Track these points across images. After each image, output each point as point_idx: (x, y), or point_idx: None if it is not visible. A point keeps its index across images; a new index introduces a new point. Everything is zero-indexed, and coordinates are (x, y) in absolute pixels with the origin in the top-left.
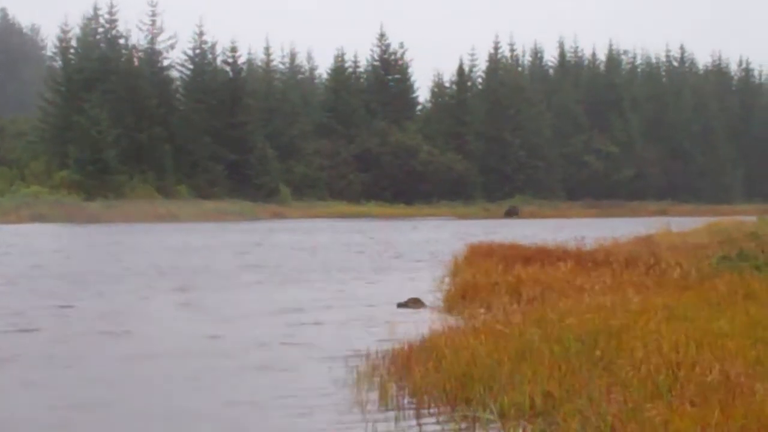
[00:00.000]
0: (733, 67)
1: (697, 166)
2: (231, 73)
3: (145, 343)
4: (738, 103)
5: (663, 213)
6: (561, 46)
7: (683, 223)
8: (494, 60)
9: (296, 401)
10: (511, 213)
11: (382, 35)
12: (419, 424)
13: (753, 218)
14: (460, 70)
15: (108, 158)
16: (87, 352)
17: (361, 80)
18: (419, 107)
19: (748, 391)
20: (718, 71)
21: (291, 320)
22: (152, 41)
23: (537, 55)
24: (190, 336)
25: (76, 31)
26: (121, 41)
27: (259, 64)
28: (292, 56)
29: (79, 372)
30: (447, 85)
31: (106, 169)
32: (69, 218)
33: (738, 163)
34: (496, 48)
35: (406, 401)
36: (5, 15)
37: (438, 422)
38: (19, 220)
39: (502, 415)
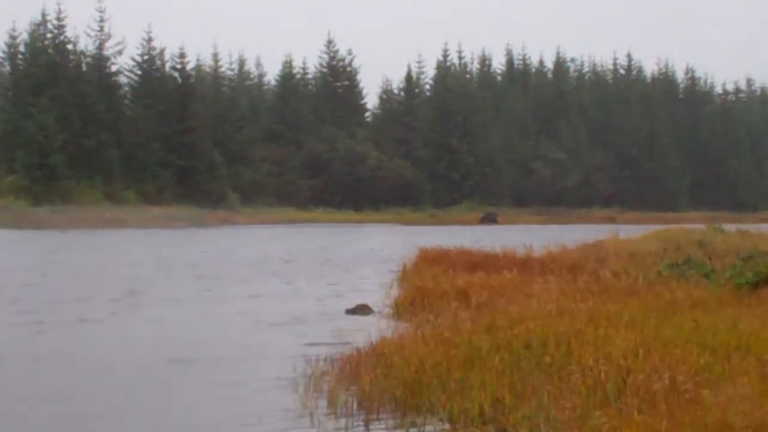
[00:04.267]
0: (680, 75)
1: (644, 174)
2: (179, 79)
3: (85, 355)
4: (684, 110)
5: (611, 220)
6: (509, 53)
7: (631, 231)
8: (442, 67)
9: (244, 409)
10: (487, 220)
11: (330, 42)
12: (368, 431)
13: (700, 226)
14: (408, 77)
15: (56, 164)
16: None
17: (310, 87)
18: (368, 114)
19: (695, 399)
20: (665, 79)
21: (239, 327)
22: (100, 47)
23: (485, 62)
24: (134, 345)
25: (24, 36)
26: (69, 47)
27: (208, 70)
28: (241, 62)
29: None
30: (395, 91)
31: (53, 175)
32: (16, 224)
33: (685, 170)
34: (445, 55)
35: (355, 408)
36: None
37: (387, 429)
38: None
39: (452, 422)
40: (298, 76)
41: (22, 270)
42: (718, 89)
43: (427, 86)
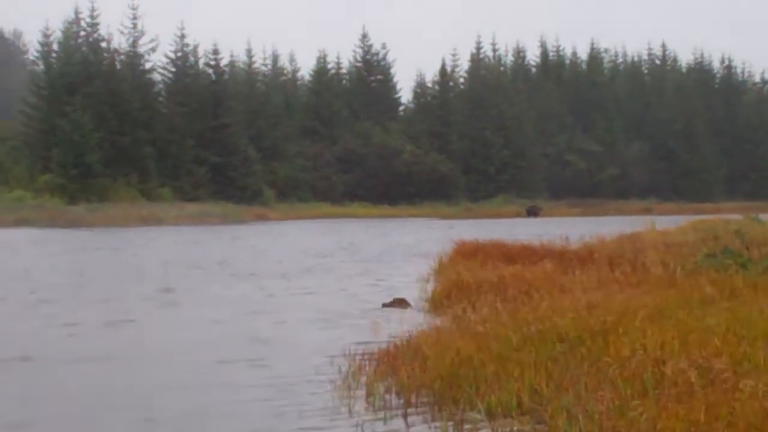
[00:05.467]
0: (716, 65)
1: (680, 165)
2: (213, 76)
3: (123, 356)
4: (721, 101)
5: (647, 211)
6: (543, 45)
7: (667, 222)
8: (476, 60)
9: (282, 401)
10: (532, 212)
11: (364, 36)
12: (407, 424)
13: (737, 216)
14: (443, 70)
15: (91, 162)
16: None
17: (344, 81)
18: (402, 108)
19: (734, 389)
20: (701, 69)
21: (276, 321)
22: (134, 44)
23: (519, 54)
24: (172, 344)
25: (57, 35)
26: (103, 45)
27: (242, 66)
28: (275, 58)
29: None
30: (429, 85)
31: (89, 173)
32: (52, 222)
33: (722, 161)
34: (479, 48)
35: (393, 401)
36: None
37: (425, 422)
38: (3, 225)
39: (490, 414)
40: (332, 71)
41: (59, 269)
42: (756, 78)
43: (462, 79)
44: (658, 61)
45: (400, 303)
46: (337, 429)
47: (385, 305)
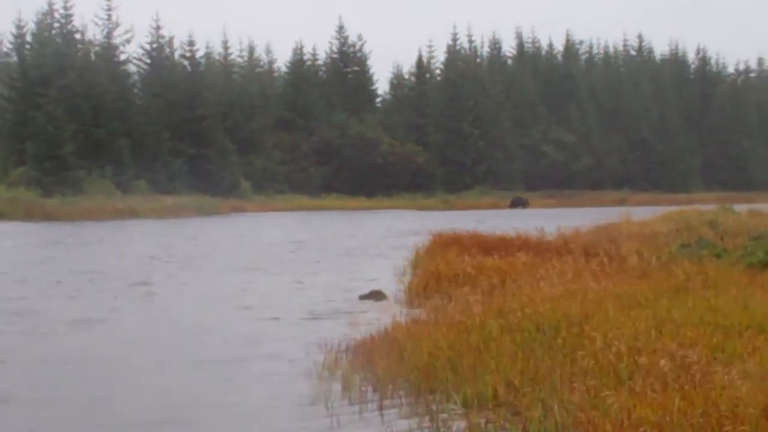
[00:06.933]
0: (691, 56)
1: (655, 155)
2: (189, 67)
3: (101, 354)
4: (696, 91)
5: (622, 202)
6: (519, 36)
7: (642, 212)
8: (453, 51)
9: (259, 394)
10: (516, 204)
11: (340, 27)
12: (382, 416)
13: (712, 206)
14: (419, 62)
15: (65, 154)
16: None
17: (320, 73)
18: (379, 99)
19: (708, 378)
20: (676, 60)
21: (252, 314)
22: (109, 36)
23: (495, 45)
24: (147, 341)
25: (31, 26)
26: (77, 36)
27: (217, 57)
28: (251, 50)
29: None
30: (406, 76)
31: (63, 165)
32: (27, 216)
33: (696, 151)
34: (455, 39)
35: (369, 393)
36: None
37: (401, 413)
38: None
39: (466, 405)
40: (308, 62)
41: (32, 263)
42: (730, 69)
43: (438, 71)
44: (633, 53)
45: (377, 295)
46: (313, 421)
47: (361, 297)
